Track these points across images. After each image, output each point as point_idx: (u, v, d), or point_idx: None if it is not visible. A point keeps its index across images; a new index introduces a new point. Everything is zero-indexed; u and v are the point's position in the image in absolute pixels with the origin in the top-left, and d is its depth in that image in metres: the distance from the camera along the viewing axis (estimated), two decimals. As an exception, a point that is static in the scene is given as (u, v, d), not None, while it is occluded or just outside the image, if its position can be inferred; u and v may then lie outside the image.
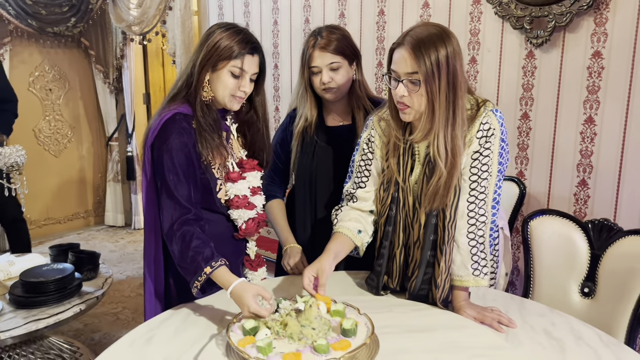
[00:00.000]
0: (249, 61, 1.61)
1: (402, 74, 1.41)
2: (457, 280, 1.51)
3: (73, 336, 3.09)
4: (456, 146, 1.42)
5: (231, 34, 1.59)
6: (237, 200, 1.68)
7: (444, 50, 1.37)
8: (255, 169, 1.76)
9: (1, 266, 2.54)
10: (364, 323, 1.36)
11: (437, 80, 1.37)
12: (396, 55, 1.43)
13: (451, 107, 1.40)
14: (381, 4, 3.04)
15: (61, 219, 5.06)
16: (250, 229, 1.73)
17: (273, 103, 3.80)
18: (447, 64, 1.38)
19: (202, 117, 1.60)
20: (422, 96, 1.40)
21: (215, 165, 1.65)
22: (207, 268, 1.44)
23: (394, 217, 1.56)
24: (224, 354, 1.30)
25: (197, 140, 1.59)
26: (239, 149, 1.77)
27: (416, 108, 1.42)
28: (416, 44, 1.38)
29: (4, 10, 4.25)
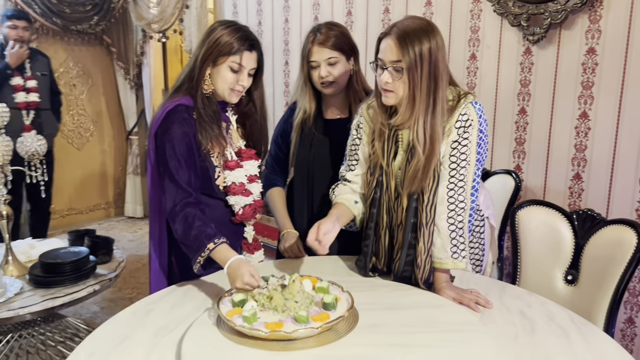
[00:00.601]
0: (247, 57, 1.71)
1: (387, 61, 1.52)
2: (437, 263, 1.61)
3: (90, 318, 3.26)
4: (435, 133, 1.52)
5: (231, 31, 1.70)
6: (234, 187, 1.80)
7: (428, 43, 1.48)
8: (253, 158, 1.87)
9: (23, 249, 2.71)
10: (346, 299, 1.46)
11: (419, 70, 1.48)
12: (383, 45, 1.54)
13: (432, 96, 1.50)
14: (386, 2, 3.13)
15: (83, 210, 5.27)
16: (247, 214, 1.84)
17: (283, 98, 3.92)
18: (430, 56, 1.48)
19: (203, 109, 1.72)
20: (404, 83, 1.51)
21: (214, 154, 1.77)
22: (210, 244, 1.56)
23: (378, 199, 1.66)
24: (214, 323, 1.41)
25: (197, 130, 1.71)
26: (238, 138, 1.88)
27: (398, 93, 1.53)
28: (402, 35, 1.49)
29: (30, 8, 4.46)
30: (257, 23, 4.00)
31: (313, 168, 2.06)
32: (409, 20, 1.54)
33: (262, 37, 3.98)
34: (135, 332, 1.41)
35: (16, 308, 2.17)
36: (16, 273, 2.46)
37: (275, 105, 3.99)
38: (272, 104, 4.02)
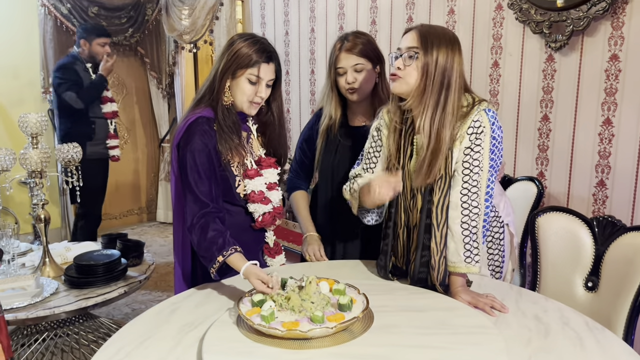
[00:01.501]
0: (265, 69, 1.78)
1: (403, 48, 1.59)
2: (451, 266, 1.64)
3: (121, 319, 3.38)
4: (443, 129, 1.56)
5: (249, 44, 1.77)
6: (254, 195, 1.86)
7: (446, 50, 1.56)
8: (272, 166, 1.93)
9: (59, 252, 2.85)
10: (361, 301, 1.51)
11: (435, 62, 1.55)
12: (404, 37, 1.62)
13: (443, 93, 1.56)
14: (409, 11, 3.18)
15: (117, 215, 5.45)
16: (267, 220, 1.91)
17: (309, 106, 3.99)
18: (446, 61, 1.55)
19: (223, 120, 1.79)
20: (416, 71, 1.56)
21: (234, 163, 1.84)
22: (219, 257, 1.64)
23: (395, 199, 1.71)
24: (234, 322, 1.48)
25: (217, 140, 1.77)
26: (258, 147, 1.95)
27: (408, 81, 1.58)
28: (425, 29, 1.59)
29: (68, 21, 4.66)
30: (284, 33, 4.10)
31: (337, 174, 2.10)
32: (437, 27, 1.63)
33: (289, 46, 4.07)
34: (160, 329, 1.49)
35: (52, 307, 2.28)
36: (52, 274, 2.58)
37: (301, 113, 4.07)
38: (297, 112, 4.10)
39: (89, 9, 4.76)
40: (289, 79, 4.13)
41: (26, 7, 4.54)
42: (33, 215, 2.63)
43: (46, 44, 4.62)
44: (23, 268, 2.69)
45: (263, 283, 1.54)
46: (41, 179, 2.52)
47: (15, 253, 2.64)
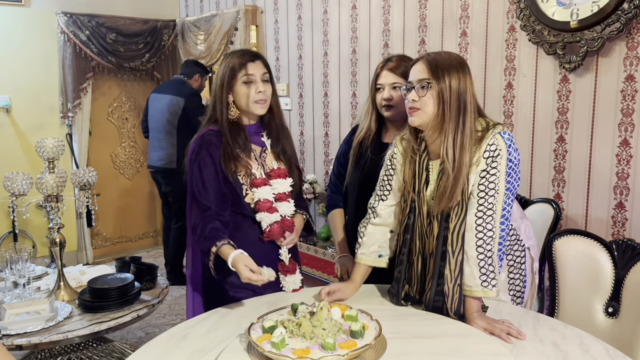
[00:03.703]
0: (253, 66, 1.86)
1: (414, 81, 1.61)
2: (467, 290, 1.61)
3: (135, 343, 3.37)
4: (463, 154, 1.56)
5: (233, 54, 1.89)
6: (260, 204, 1.88)
7: (457, 77, 1.57)
8: (282, 176, 1.93)
9: (74, 275, 2.86)
10: (374, 327, 1.48)
11: (449, 90, 1.56)
12: (412, 69, 1.64)
13: (461, 117, 1.56)
14: (422, 34, 3.19)
15: (133, 237, 5.48)
16: (274, 231, 1.89)
17: (323, 129, 4.00)
18: (458, 88, 1.56)
19: (228, 133, 1.86)
20: (432, 99, 1.57)
21: (240, 173, 1.88)
22: (213, 248, 1.71)
23: (412, 225, 1.69)
24: (245, 349, 1.46)
25: (222, 151, 1.84)
26: (272, 160, 1.96)
27: (426, 111, 1.59)
28: (432, 58, 1.61)
29: (88, 48, 4.76)
30: (297, 57, 4.14)
31: (362, 189, 2.09)
32: (442, 53, 1.65)
33: (303, 70, 4.11)
34: (171, 355, 1.47)
35: (65, 332, 2.29)
36: (67, 298, 2.59)
37: (314, 136, 4.08)
38: (311, 134, 4.11)
39: (107, 35, 4.87)
40: (303, 102, 4.16)
41: (46, 34, 4.66)
42: (49, 239, 2.66)
43: (65, 70, 4.72)
44: (38, 292, 2.70)
45: (251, 271, 1.58)
46: (57, 202, 2.55)
47: (30, 277, 2.65)
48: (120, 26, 4.96)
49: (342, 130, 3.84)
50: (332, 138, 3.94)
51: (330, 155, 3.97)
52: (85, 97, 4.84)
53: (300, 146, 4.21)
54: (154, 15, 5.22)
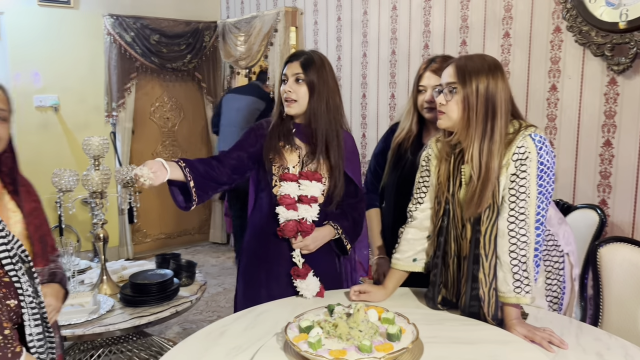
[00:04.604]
0: (288, 67, 1.93)
1: (444, 84, 1.60)
2: (501, 297, 1.58)
3: (173, 338, 3.44)
4: (491, 159, 1.53)
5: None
6: (282, 198, 1.90)
7: (486, 81, 1.54)
8: (312, 178, 1.91)
9: (116, 270, 2.95)
10: (411, 331, 1.47)
11: (475, 95, 1.53)
12: (443, 72, 1.63)
13: (489, 123, 1.53)
14: (463, 35, 3.14)
15: (172, 234, 5.59)
16: (288, 228, 1.88)
17: (360, 130, 3.99)
18: (487, 93, 1.53)
19: (276, 124, 1.96)
20: (457, 105, 1.56)
21: (276, 164, 1.93)
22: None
23: (445, 228, 1.68)
24: (281, 348, 1.47)
25: (266, 141, 1.95)
26: (315, 163, 1.94)
27: (451, 116, 1.58)
28: (462, 62, 1.59)
29: (132, 49, 4.90)
30: (336, 58, 4.14)
31: (400, 191, 2.07)
32: (475, 56, 1.61)
33: (341, 71, 4.11)
34: (209, 352, 1.50)
35: (107, 324, 2.36)
36: (109, 292, 2.67)
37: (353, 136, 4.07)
38: (349, 135, 4.11)
39: (151, 37, 4.99)
40: (341, 103, 4.16)
41: (93, 35, 4.81)
42: (93, 234, 2.74)
43: (110, 70, 4.87)
44: (82, 285, 2.79)
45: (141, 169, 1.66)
46: (101, 199, 2.62)
47: (75, 270, 2.74)
48: (164, 27, 5.08)
49: (380, 132, 3.82)
50: (370, 139, 3.93)
51: (367, 157, 3.96)
52: (129, 96, 4.98)
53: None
54: (196, 17, 5.32)
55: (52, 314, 1.52)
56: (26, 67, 4.49)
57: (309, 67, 1.90)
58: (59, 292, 1.59)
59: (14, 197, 1.55)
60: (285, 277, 1.92)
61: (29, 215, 1.56)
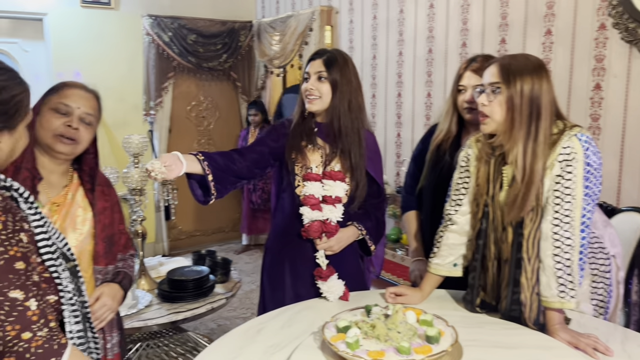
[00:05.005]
0: (311, 65, 1.90)
1: (486, 84, 1.55)
2: (544, 301, 1.54)
3: (207, 334, 3.48)
4: (535, 161, 1.49)
5: None
6: (306, 198, 1.87)
7: (530, 83, 1.49)
8: (336, 178, 1.89)
9: (153, 266, 3.00)
10: (450, 334, 1.45)
11: (520, 96, 1.48)
12: (485, 72, 1.58)
13: (533, 124, 1.48)
14: (502, 33, 3.08)
15: (207, 232, 5.67)
16: (313, 229, 1.85)
17: (395, 130, 3.96)
18: (531, 94, 1.49)
19: (297, 123, 1.94)
20: (500, 106, 1.51)
21: (299, 164, 1.91)
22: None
23: (484, 231, 1.64)
24: (319, 347, 1.47)
25: (288, 140, 1.93)
26: (337, 163, 1.92)
27: (494, 118, 1.53)
28: (506, 62, 1.54)
29: (170, 49, 4.98)
30: (371, 57, 4.12)
31: (438, 193, 2.01)
32: (519, 55, 1.57)
33: (376, 70, 4.09)
34: (247, 349, 1.51)
35: (145, 319, 2.40)
36: (147, 287, 2.72)
37: (387, 136, 4.05)
38: (383, 134, 4.08)
39: (188, 36, 5.06)
40: (375, 102, 4.14)
41: (132, 36, 4.91)
42: (131, 230, 2.80)
43: (149, 70, 4.97)
44: (121, 280, 2.85)
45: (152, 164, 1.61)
46: (141, 196, 2.68)
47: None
48: (200, 27, 5.15)
49: (415, 132, 3.78)
50: (405, 139, 3.90)
51: (402, 157, 3.93)
52: (166, 95, 5.07)
53: (372, 147, 4.19)
54: (231, 17, 5.38)
55: (106, 313, 1.55)
56: (68, 67, 4.62)
57: (331, 65, 1.87)
58: (117, 293, 1.60)
59: (88, 195, 1.61)
60: (310, 277, 1.91)
61: (99, 214, 1.61)
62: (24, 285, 0.96)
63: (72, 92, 1.55)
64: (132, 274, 1.72)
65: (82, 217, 1.59)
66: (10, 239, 0.96)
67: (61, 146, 1.52)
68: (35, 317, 0.96)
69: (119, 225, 1.70)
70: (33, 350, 0.94)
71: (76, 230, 1.57)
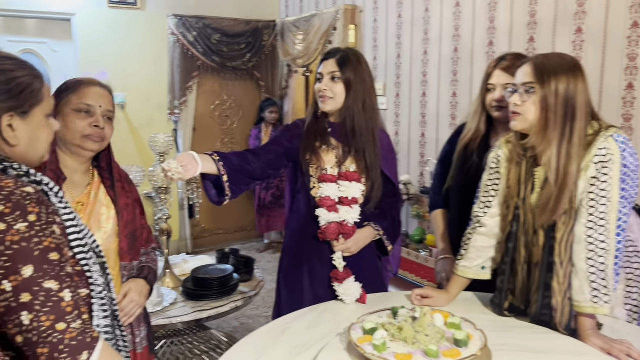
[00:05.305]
0: (324, 65, 1.89)
1: (519, 84, 1.52)
2: (576, 306, 1.50)
3: (230, 332, 3.50)
4: (569, 163, 1.45)
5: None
6: (322, 200, 1.85)
7: (566, 82, 1.45)
8: (352, 179, 1.87)
9: (178, 264, 3.02)
10: (479, 337, 1.42)
11: (555, 96, 1.45)
12: (518, 71, 1.54)
13: (568, 125, 1.45)
14: (531, 31, 3.03)
15: (230, 230, 5.70)
16: (330, 231, 1.83)
17: (419, 129, 3.92)
18: (567, 94, 1.45)
19: (310, 123, 1.93)
20: (534, 106, 1.47)
21: (313, 165, 1.90)
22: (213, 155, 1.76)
23: (515, 234, 1.61)
24: (345, 349, 1.46)
25: (302, 141, 1.91)
26: (352, 163, 1.90)
27: (527, 117, 1.50)
28: (540, 61, 1.50)
29: (194, 49, 5.02)
30: (396, 56, 4.09)
31: (466, 194, 1.97)
32: (553, 55, 1.53)
33: (401, 69, 4.06)
34: (271, 349, 1.50)
35: (170, 317, 2.42)
36: (172, 285, 2.74)
37: (410, 136, 4.02)
38: (407, 135, 4.05)
39: (212, 36, 5.10)
40: (399, 102, 4.11)
41: (158, 36, 4.96)
42: (156, 228, 2.82)
43: (174, 70, 5.01)
44: (146, 277, 2.87)
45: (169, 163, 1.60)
46: (166, 194, 2.70)
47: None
48: (225, 27, 5.18)
49: (440, 132, 3.74)
50: (429, 139, 3.86)
51: (426, 157, 3.89)
52: (191, 95, 5.11)
53: (395, 146, 4.15)
54: (255, 16, 5.40)
55: (134, 309, 1.57)
56: (95, 67, 4.68)
57: (345, 64, 1.84)
58: (143, 289, 1.62)
59: (110, 193, 1.63)
60: (328, 279, 1.89)
61: (122, 211, 1.63)
62: (59, 276, 0.96)
63: (91, 91, 1.57)
64: (156, 268, 1.74)
65: (106, 215, 1.60)
66: (45, 230, 0.96)
67: (91, 144, 1.55)
68: (70, 308, 0.96)
69: (140, 220, 1.72)
70: (67, 341, 0.94)
71: (101, 229, 1.59)
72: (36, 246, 0.94)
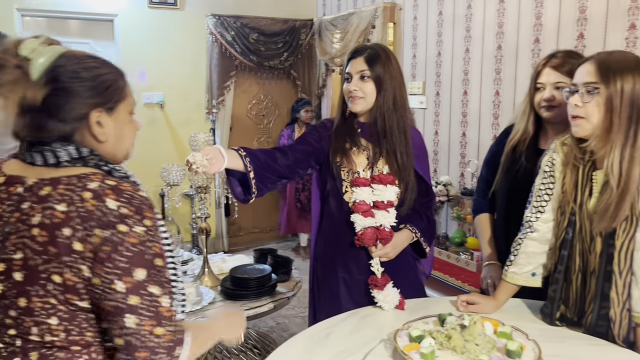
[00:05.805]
0: (352, 64, 1.82)
1: (580, 84, 1.43)
2: (636, 317, 1.42)
3: (267, 332, 3.50)
4: (633, 167, 1.37)
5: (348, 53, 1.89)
6: (356, 205, 1.79)
7: (632, 81, 1.37)
8: (386, 182, 1.80)
9: (217, 263, 3.03)
10: (532, 348, 1.36)
11: (620, 96, 1.36)
12: (579, 70, 1.46)
13: (633, 127, 1.36)
14: (580, 27, 2.91)
15: (265, 229, 5.71)
16: (367, 236, 1.76)
17: (460, 129, 3.84)
18: (633, 93, 1.36)
19: (339, 124, 1.88)
20: (598, 107, 1.39)
21: (345, 168, 1.85)
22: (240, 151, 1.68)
23: (570, 241, 1.53)
24: (390, 356, 1.42)
25: (331, 144, 1.87)
26: (384, 165, 1.84)
27: (590, 119, 1.41)
28: (603, 58, 1.41)
29: (232, 48, 5.04)
30: (436, 54, 4.01)
31: (512, 198, 1.92)
32: (615, 52, 1.45)
33: (441, 67, 3.97)
34: (315, 354, 1.47)
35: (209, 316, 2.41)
36: (210, 284, 2.74)
37: (451, 135, 3.93)
38: (447, 134, 3.97)
39: (250, 35, 5.11)
40: (439, 101, 4.02)
41: (196, 35, 5.01)
42: (194, 226, 2.84)
43: (212, 69, 5.04)
44: (185, 276, 2.89)
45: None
46: (206, 194, 2.70)
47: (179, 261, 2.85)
48: (262, 26, 5.18)
49: (482, 131, 3.65)
50: (470, 139, 3.77)
51: (467, 157, 3.80)
52: (228, 94, 5.14)
53: (434, 146, 4.08)
54: (292, 15, 5.39)
55: None
56: (136, 67, 4.76)
57: (374, 62, 1.78)
58: None
59: None
60: (365, 285, 1.83)
61: None
62: (161, 281, 1.01)
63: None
64: None
65: None
66: (156, 236, 1.01)
67: None
68: (167, 313, 1.01)
69: None
70: (165, 344, 1.00)
71: None
72: (149, 250, 0.99)
